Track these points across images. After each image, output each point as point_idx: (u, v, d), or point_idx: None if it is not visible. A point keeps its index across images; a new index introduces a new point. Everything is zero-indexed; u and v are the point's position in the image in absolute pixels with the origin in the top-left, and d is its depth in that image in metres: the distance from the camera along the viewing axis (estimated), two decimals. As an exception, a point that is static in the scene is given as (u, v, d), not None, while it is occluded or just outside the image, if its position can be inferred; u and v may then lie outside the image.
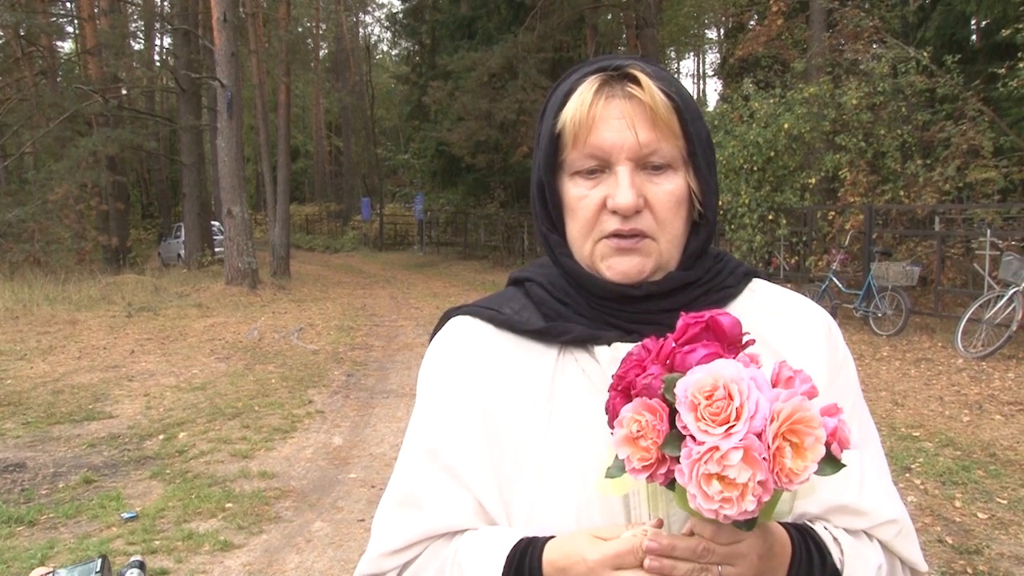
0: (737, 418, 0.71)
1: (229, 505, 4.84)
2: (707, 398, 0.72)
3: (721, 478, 0.70)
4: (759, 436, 0.71)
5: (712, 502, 0.70)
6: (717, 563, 0.80)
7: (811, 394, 0.76)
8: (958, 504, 4.62)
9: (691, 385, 0.73)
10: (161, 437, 6.36)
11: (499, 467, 0.97)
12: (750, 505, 0.70)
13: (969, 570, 3.82)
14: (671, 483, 0.76)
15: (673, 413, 0.75)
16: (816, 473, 0.72)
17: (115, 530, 4.46)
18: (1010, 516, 4.43)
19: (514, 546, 0.91)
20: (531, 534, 0.92)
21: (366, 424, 6.78)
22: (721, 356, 0.77)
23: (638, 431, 0.75)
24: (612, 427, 0.79)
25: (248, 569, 4.00)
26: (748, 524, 0.75)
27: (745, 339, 0.81)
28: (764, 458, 0.71)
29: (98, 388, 8.11)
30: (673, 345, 0.79)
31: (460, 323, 1.08)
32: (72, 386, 8.21)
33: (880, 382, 7.60)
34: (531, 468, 0.95)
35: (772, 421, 0.71)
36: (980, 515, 4.45)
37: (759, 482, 0.70)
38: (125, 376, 8.71)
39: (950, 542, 4.10)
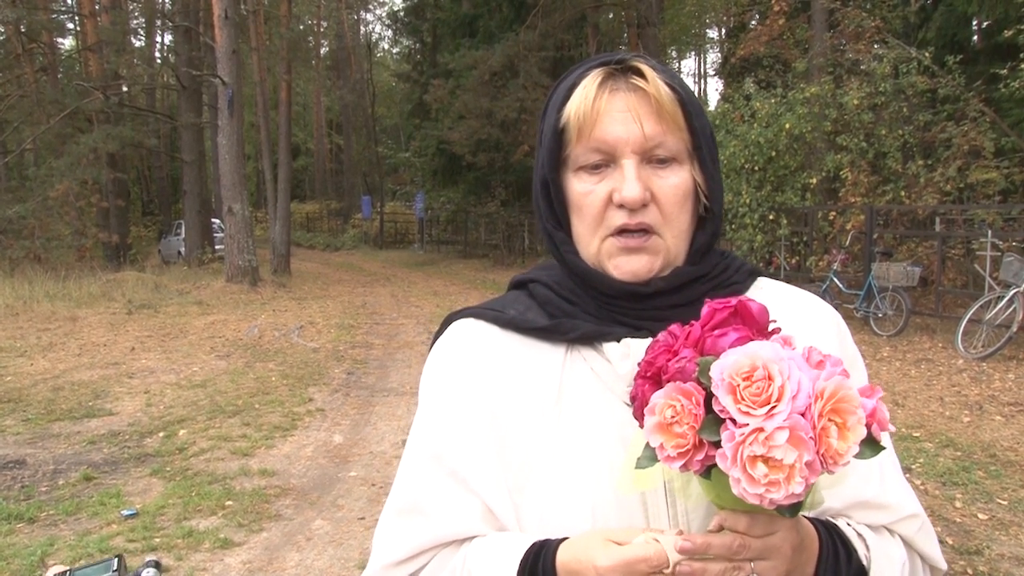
0: (779, 398, 0.68)
1: (229, 503, 4.84)
2: (745, 379, 0.69)
3: (767, 460, 0.68)
4: (802, 416, 0.69)
5: (758, 485, 0.68)
6: (752, 558, 0.77)
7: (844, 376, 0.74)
8: (958, 505, 4.61)
9: (728, 367, 0.70)
10: (161, 434, 6.36)
11: (508, 470, 0.94)
12: (798, 487, 0.68)
13: (969, 571, 3.81)
14: (707, 471, 0.73)
15: (709, 396, 0.72)
16: (856, 456, 0.70)
17: (115, 527, 4.46)
18: (1010, 517, 4.43)
19: (527, 550, 0.88)
20: (544, 536, 0.89)
21: (366, 422, 6.78)
22: (752, 339, 0.74)
23: (672, 417, 0.72)
24: (638, 416, 0.77)
25: (248, 567, 4.00)
26: (793, 509, 0.72)
27: (772, 327, 0.79)
28: (811, 437, 0.68)
29: (98, 385, 8.11)
30: (701, 331, 0.77)
31: (463, 325, 1.06)
32: (72, 383, 8.21)
33: (880, 382, 7.59)
34: (542, 470, 0.93)
35: (816, 400, 0.69)
36: (980, 516, 4.45)
37: (806, 463, 0.68)
38: (125, 373, 8.71)
39: (950, 543, 4.10)
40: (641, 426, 0.76)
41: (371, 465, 5.62)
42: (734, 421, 0.69)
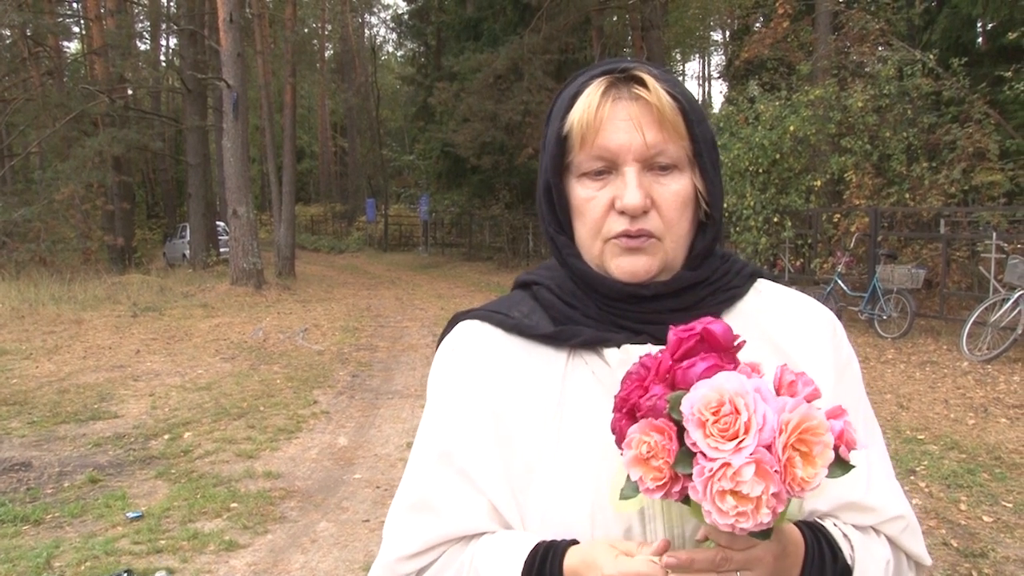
0: (746, 432, 0.71)
1: (234, 505, 4.85)
2: (714, 414, 0.72)
3: (735, 493, 0.70)
4: (768, 448, 0.71)
5: (728, 517, 0.71)
6: (736, 570, 0.81)
7: (814, 396, 0.76)
8: (963, 507, 4.61)
9: (697, 402, 0.73)
10: (166, 437, 6.37)
11: (510, 470, 0.97)
12: (765, 517, 0.71)
13: (974, 573, 3.81)
14: (686, 499, 0.76)
15: (681, 430, 0.74)
16: (826, 476, 0.72)
17: (120, 529, 4.47)
18: (1015, 519, 4.42)
19: (532, 550, 0.91)
20: (547, 537, 0.93)
21: (371, 425, 6.79)
22: (721, 367, 0.76)
23: (648, 452, 0.75)
24: (620, 447, 0.79)
25: (253, 569, 4.01)
26: (764, 534, 0.75)
27: (737, 341, 0.81)
28: (776, 471, 0.71)
29: (103, 388, 8.13)
30: (671, 361, 0.79)
31: (469, 327, 1.08)
32: (77, 386, 8.23)
33: (885, 385, 7.58)
34: (543, 471, 0.95)
35: (781, 433, 0.72)
36: (985, 518, 4.45)
37: (773, 494, 0.71)
38: (130, 376, 8.74)
39: (955, 545, 4.09)
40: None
41: (376, 467, 5.63)
42: (704, 455, 0.72)
